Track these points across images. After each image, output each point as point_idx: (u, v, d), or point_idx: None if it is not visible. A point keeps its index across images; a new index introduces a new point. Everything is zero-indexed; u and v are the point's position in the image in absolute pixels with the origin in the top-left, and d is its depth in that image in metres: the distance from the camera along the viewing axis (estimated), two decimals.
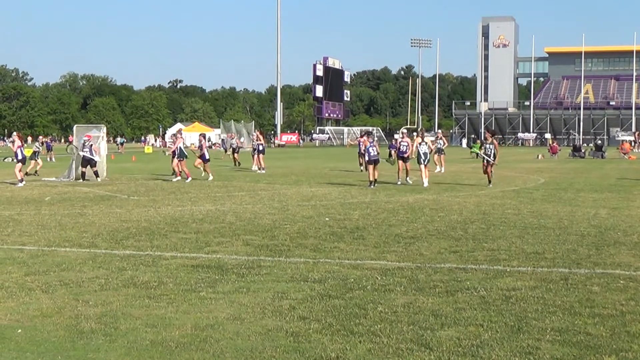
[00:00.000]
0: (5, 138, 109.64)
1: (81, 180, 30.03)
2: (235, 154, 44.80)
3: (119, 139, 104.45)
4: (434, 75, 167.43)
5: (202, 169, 31.87)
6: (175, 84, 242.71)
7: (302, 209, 18.51)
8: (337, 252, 11.92)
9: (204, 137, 33.91)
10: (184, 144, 31.87)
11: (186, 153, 30.87)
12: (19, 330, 7.35)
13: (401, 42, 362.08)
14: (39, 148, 40.25)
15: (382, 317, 7.74)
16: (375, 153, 26.67)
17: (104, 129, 36.26)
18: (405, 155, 28.05)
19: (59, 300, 8.64)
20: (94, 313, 7.99)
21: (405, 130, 31.03)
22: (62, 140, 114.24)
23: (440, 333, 7.15)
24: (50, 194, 23.67)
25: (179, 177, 29.86)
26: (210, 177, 30.33)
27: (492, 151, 26.29)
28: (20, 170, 27.79)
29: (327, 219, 16.41)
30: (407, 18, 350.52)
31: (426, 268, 10.49)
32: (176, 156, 29.96)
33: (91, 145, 30.93)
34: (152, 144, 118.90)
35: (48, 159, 54.65)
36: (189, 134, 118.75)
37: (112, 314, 7.97)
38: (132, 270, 10.45)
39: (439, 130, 47.62)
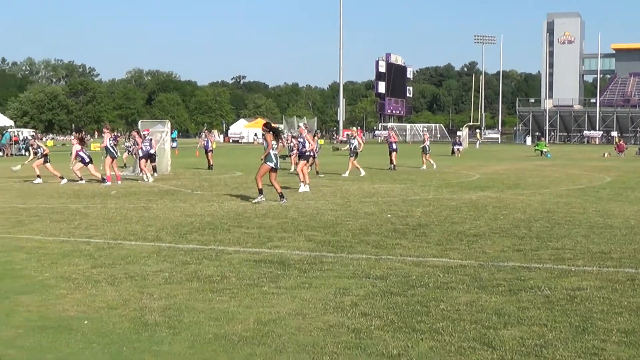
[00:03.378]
0: (72, 133, 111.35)
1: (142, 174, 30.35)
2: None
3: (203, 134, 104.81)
4: (498, 72, 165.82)
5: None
6: (238, 80, 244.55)
7: (364, 206, 18.49)
8: (399, 249, 11.89)
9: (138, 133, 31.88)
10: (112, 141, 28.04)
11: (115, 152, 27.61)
12: (86, 322, 7.48)
13: (465, 39, 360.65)
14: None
15: (444, 315, 7.70)
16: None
17: (169, 124, 36.62)
18: (306, 153, 25.94)
19: (125, 292, 8.78)
20: (158, 306, 8.10)
21: (302, 125, 29.52)
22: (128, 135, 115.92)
23: (503, 332, 7.09)
24: (116, 188, 24.03)
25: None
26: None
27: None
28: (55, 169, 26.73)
29: (389, 215, 16.37)
30: (471, 14, 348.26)
31: (489, 266, 10.41)
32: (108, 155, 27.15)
33: (151, 139, 31.21)
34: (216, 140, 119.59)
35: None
36: (253, 130, 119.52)
37: (176, 307, 8.06)
38: (195, 264, 10.56)
39: (353, 128, 45.05)
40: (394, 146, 36.92)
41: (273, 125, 20.26)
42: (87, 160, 26.99)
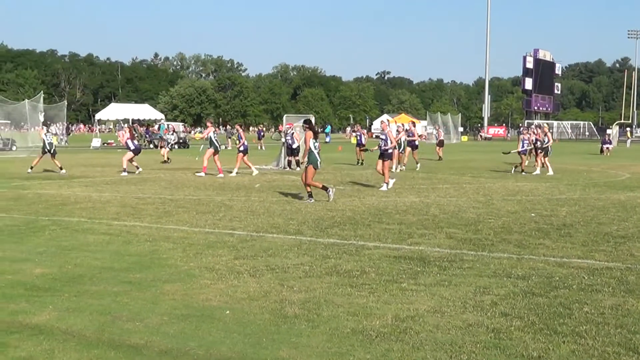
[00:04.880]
0: (222, 126, 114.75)
1: (288, 169, 30.95)
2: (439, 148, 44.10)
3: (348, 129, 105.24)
4: None
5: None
6: (383, 75, 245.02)
7: (507, 204, 18.18)
8: (542, 249, 11.63)
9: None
10: (215, 133, 28.20)
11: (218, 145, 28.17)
12: (227, 312, 7.66)
13: (617, 34, 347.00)
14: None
15: (587, 318, 7.49)
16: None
17: (313, 119, 36.98)
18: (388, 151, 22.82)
19: (265, 284, 8.94)
20: (297, 299, 8.21)
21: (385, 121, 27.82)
22: (274, 130, 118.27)
23: None
24: (259, 181, 24.49)
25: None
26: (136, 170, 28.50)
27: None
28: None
29: (532, 214, 16.04)
30: (624, 8, 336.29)
31: (637, 269, 10.04)
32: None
33: (292, 133, 31.72)
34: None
35: (258, 147, 56.88)
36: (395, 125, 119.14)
37: (315, 300, 8.15)
38: (335, 259, 10.64)
39: (545, 125, 43.10)
40: None
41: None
42: (134, 148, 28.64)
